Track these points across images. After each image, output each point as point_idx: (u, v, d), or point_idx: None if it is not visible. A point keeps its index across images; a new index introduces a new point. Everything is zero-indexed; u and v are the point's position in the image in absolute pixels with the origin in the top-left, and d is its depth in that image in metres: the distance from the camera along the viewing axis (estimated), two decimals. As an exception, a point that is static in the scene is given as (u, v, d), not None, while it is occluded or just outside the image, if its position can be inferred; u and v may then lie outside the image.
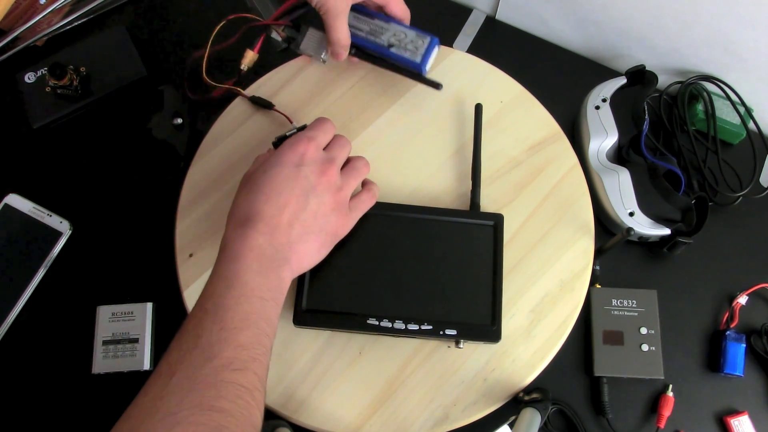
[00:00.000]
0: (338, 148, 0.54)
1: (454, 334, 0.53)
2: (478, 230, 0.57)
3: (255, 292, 0.45)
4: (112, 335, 0.60)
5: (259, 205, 0.48)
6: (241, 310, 0.44)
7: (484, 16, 0.75)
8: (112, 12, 0.75)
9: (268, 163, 0.50)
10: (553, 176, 0.62)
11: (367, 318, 0.53)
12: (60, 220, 0.65)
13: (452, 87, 0.64)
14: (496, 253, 0.56)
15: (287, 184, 0.49)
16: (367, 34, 0.61)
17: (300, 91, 0.65)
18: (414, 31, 0.60)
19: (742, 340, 0.60)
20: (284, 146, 0.52)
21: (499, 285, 0.55)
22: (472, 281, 0.55)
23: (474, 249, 0.56)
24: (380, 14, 0.61)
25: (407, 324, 0.53)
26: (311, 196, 0.50)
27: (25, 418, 0.59)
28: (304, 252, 0.50)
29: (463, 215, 0.57)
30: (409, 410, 0.54)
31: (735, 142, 0.68)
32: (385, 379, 0.55)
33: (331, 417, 0.54)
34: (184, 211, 0.61)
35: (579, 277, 0.58)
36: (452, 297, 0.54)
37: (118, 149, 0.69)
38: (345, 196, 0.53)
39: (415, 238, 0.56)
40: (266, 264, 0.47)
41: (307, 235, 0.50)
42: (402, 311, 0.54)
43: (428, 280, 0.55)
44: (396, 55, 0.60)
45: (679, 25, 0.64)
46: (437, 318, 0.53)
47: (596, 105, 0.66)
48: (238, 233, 0.47)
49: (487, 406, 0.54)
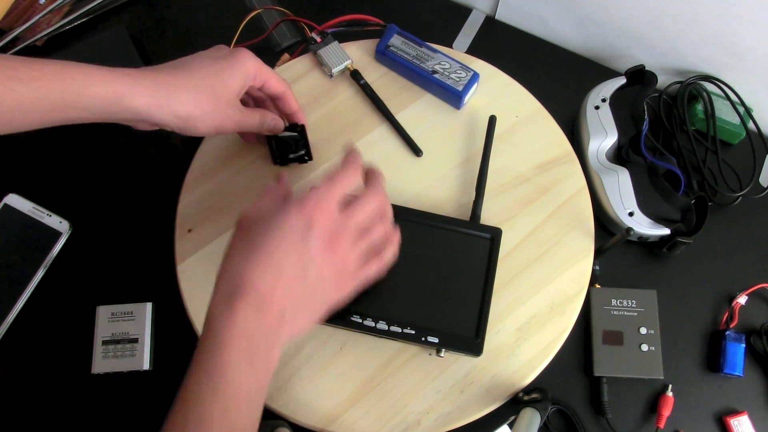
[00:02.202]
0: (359, 210, 0.47)
1: (436, 342, 0.53)
2: (475, 242, 0.56)
3: (243, 394, 0.41)
4: (112, 335, 0.60)
5: (252, 275, 0.42)
6: (228, 423, 0.40)
7: (483, 15, 0.75)
8: (112, 12, 0.75)
9: (271, 221, 0.44)
10: (559, 197, 0.62)
11: (352, 315, 0.53)
12: (60, 220, 0.65)
13: (468, 95, 0.65)
14: (489, 267, 0.55)
15: (287, 254, 0.43)
16: (413, 58, 0.64)
17: (309, 89, 0.66)
18: (458, 64, 0.64)
19: (741, 340, 0.60)
20: (293, 204, 0.45)
21: (488, 299, 0.54)
22: (462, 292, 0.55)
23: (468, 260, 0.56)
24: (426, 43, 0.66)
25: (390, 326, 0.53)
26: (310, 267, 0.44)
27: (25, 418, 0.59)
28: (296, 326, 0.45)
29: (462, 225, 0.57)
30: (382, 411, 0.54)
31: (734, 142, 0.68)
32: (364, 377, 0.55)
33: (305, 408, 0.54)
34: (189, 188, 0.62)
35: (571, 301, 0.58)
36: (439, 305, 0.54)
37: (118, 150, 0.69)
38: (349, 266, 0.47)
39: (411, 241, 0.55)
40: (255, 350, 0.42)
41: (300, 311, 0.45)
42: (387, 313, 0.53)
43: (418, 284, 0.55)
44: (439, 81, 0.64)
45: (678, 25, 0.64)
46: (421, 323, 0.53)
47: (596, 105, 0.66)
48: (225, 308, 0.42)
49: (461, 418, 0.54)
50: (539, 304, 0.58)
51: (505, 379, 0.55)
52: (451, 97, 0.64)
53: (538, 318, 0.57)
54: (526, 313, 0.57)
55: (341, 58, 0.65)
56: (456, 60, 0.65)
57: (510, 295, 0.58)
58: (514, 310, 0.57)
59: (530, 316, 0.57)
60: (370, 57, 0.67)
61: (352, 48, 0.67)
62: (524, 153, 0.63)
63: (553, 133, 0.64)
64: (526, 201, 0.61)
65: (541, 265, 0.59)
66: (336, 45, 0.66)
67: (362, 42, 0.68)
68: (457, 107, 0.65)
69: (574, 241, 0.60)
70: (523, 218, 0.61)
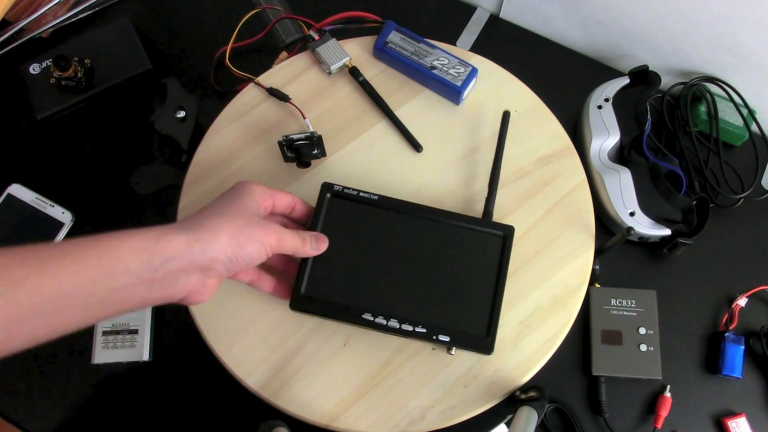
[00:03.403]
0: None
1: (447, 340, 0.52)
2: (487, 239, 0.55)
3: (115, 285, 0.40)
4: (112, 326, 0.60)
5: None
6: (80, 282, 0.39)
7: (488, 14, 0.75)
8: (117, 4, 0.76)
9: None
10: (560, 190, 0.62)
11: (363, 312, 0.53)
12: (62, 211, 0.65)
13: (467, 91, 0.65)
14: (501, 265, 0.54)
15: None
16: (411, 54, 0.64)
17: (308, 86, 0.66)
18: (457, 59, 0.64)
19: (740, 342, 0.59)
20: None
21: (499, 297, 0.53)
22: (473, 290, 0.54)
23: (480, 258, 0.55)
24: (425, 39, 0.65)
25: (402, 324, 0.52)
26: None
27: (24, 408, 0.60)
28: None
29: (474, 222, 0.56)
30: (387, 406, 0.54)
31: (737, 144, 0.68)
32: (367, 373, 0.55)
33: (308, 405, 0.54)
34: (190, 184, 0.62)
35: (573, 294, 0.58)
36: (450, 302, 0.54)
37: (121, 141, 0.69)
38: None
39: (422, 238, 0.55)
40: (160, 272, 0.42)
41: None
42: (398, 310, 0.53)
43: (429, 282, 0.54)
44: (437, 77, 0.63)
45: (682, 26, 0.64)
46: (432, 322, 0.53)
47: (599, 104, 0.66)
48: None
49: (465, 412, 0.54)
50: (541, 298, 0.58)
51: (508, 373, 0.55)
52: (450, 93, 0.64)
53: (540, 311, 0.57)
54: (528, 306, 0.57)
55: (339, 55, 0.65)
56: (454, 56, 0.65)
57: (512, 288, 0.58)
58: (516, 304, 0.57)
59: (532, 310, 0.57)
60: (368, 54, 0.67)
61: (351, 45, 0.67)
62: (524, 147, 0.63)
63: (552, 128, 0.64)
64: (527, 195, 0.61)
65: (543, 259, 0.59)
66: (334, 42, 0.66)
67: (360, 39, 0.68)
68: (456, 102, 0.65)
69: (574, 234, 0.60)
70: (524, 212, 0.61)
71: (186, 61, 0.73)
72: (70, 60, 0.68)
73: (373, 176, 0.62)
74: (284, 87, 0.65)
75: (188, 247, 0.42)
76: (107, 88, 0.70)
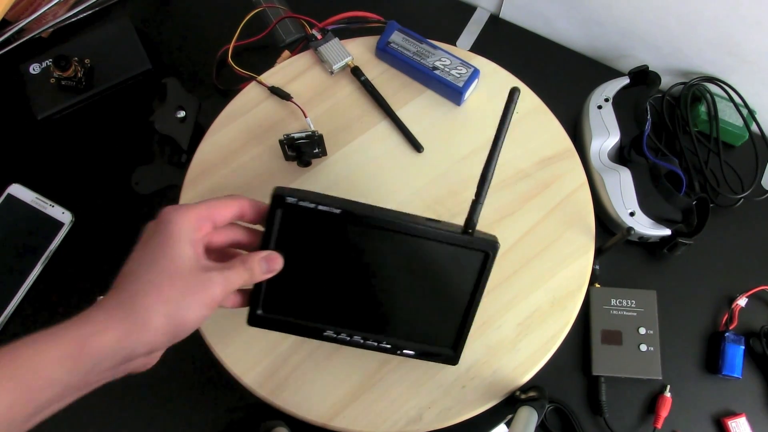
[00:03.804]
0: None
1: (412, 354, 0.50)
2: (467, 255, 0.48)
3: None
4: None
5: None
6: None
7: (488, 14, 0.75)
8: (117, 4, 0.76)
9: None
10: (560, 192, 0.62)
11: (324, 329, 0.49)
12: (62, 211, 0.65)
13: (469, 92, 0.65)
14: (479, 282, 0.49)
15: None
16: (413, 55, 0.64)
17: (310, 86, 0.66)
18: (459, 60, 0.64)
19: (740, 342, 0.60)
20: None
21: (472, 313, 0.49)
22: (445, 304, 0.50)
23: (457, 273, 0.49)
24: (427, 39, 0.65)
25: (365, 339, 0.50)
26: None
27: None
28: None
29: (451, 237, 0.47)
30: (383, 406, 0.54)
31: (737, 144, 0.68)
32: (364, 373, 0.55)
33: (304, 404, 0.54)
34: (190, 183, 0.62)
35: (573, 296, 0.58)
36: (418, 317, 0.50)
37: (121, 141, 0.69)
38: None
39: (391, 252, 0.48)
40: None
41: None
42: (362, 325, 0.50)
43: (396, 296, 0.49)
44: (439, 78, 0.64)
45: (683, 26, 0.64)
46: (398, 336, 0.50)
47: (599, 104, 0.66)
48: None
49: (462, 413, 0.54)
50: (540, 300, 0.58)
51: (506, 375, 0.55)
52: (451, 94, 0.64)
53: (539, 313, 0.57)
54: (527, 308, 0.57)
55: (342, 55, 0.65)
56: (456, 56, 0.65)
57: (511, 290, 0.58)
58: (515, 305, 0.57)
59: (531, 311, 0.57)
60: (370, 54, 0.67)
61: (353, 45, 0.67)
62: (525, 149, 0.63)
63: (553, 129, 0.64)
64: (528, 197, 0.61)
65: (542, 261, 0.59)
66: (336, 42, 0.66)
67: (363, 39, 0.68)
68: (457, 103, 0.65)
69: (574, 236, 0.60)
70: (524, 213, 0.61)
71: (186, 60, 0.73)
72: (70, 60, 0.68)
73: (373, 176, 0.62)
74: (286, 86, 0.65)
75: (120, 344, 0.37)
76: (107, 87, 0.70)
